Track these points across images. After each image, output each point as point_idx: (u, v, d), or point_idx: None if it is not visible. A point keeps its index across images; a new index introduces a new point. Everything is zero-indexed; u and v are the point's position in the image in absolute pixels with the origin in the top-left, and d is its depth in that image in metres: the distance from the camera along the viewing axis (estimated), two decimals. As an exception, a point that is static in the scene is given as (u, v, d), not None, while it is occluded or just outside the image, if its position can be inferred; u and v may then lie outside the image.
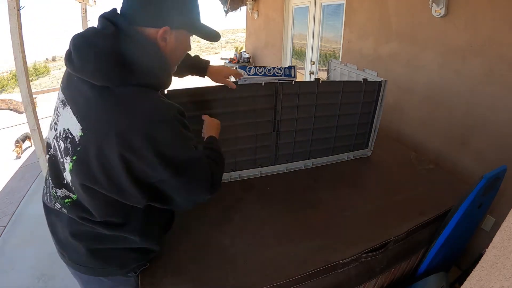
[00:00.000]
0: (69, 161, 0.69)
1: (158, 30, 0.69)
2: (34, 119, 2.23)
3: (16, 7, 1.97)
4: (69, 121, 0.68)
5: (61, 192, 0.75)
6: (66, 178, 0.73)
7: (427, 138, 2.01)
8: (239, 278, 0.91)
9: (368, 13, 2.49)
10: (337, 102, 1.47)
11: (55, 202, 0.77)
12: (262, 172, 1.47)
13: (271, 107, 1.36)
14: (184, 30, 0.75)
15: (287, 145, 1.47)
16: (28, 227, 2.27)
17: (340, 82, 1.48)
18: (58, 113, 0.73)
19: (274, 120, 1.39)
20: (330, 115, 1.50)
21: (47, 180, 0.82)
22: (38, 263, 1.90)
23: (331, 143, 1.57)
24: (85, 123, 0.65)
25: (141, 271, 0.91)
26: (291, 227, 1.13)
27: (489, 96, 1.59)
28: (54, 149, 0.76)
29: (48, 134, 0.79)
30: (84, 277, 0.86)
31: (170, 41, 0.72)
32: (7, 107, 7.15)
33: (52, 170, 0.76)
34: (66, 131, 0.68)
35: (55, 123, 0.75)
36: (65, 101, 0.71)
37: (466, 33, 1.66)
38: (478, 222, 1.51)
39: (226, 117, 1.28)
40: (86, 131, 0.65)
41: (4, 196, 2.70)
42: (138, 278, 0.90)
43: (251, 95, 1.29)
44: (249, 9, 5.14)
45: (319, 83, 1.40)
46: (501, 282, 0.44)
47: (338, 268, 1.00)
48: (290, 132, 1.45)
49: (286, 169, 1.52)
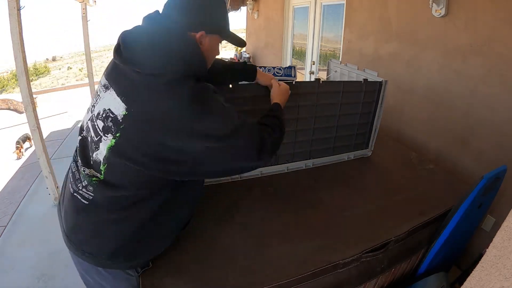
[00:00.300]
0: (111, 138, 0.74)
1: (196, 34, 0.80)
2: (34, 119, 2.23)
3: (16, 7, 1.97)
4: (112, 101, 0.75)
5: (88, 171, 0.80)
6: (96, 157, 0.77)
7: (427, 138, 2.01)
8: (239, 278, 0.91)
9: (368, 13, 2.49)
10: (338, 102, 1.47)
11: (83, 180, 0.80)
12: (262, 172, 1.47)
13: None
14: (217, 35, 0.87)
15: (287, 145, 1.47)
16: (28, 227, 2.27)
17: (340, 82, 1.48)
18: (98, 96, 0.80)
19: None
20: (331, 115, 1.50)
21: (75, 162, 0.86)
22: (38, 263, 1.90)
23: (332, 143, 1.57)
24: (129, 103, 0.72)
25: (143, 271, 0.91)
26: (291, 227, 1.13)
27: (489, 96, 1.59)
28: (86, 130, 0.82)
29: (84, 117, 0.86)
30: (84, 265, 0.87)
31: (205, 44, 0.84)
32: (7, 107, 7.15)
33: (81, 150, 0.83)
34: (107, 110, 0.75)
35: (92, 105, 0.81)
36: (107, 85, 0.78)
37: (466, 33, 1.66)
38: (478, 222, 1.51)
39: None
40: (132, 110, 0.72)
41: (4, 196, 2.70)
42: (139, 278, 0.90)
43: (252, 95, 1.29)
44: (249, 9, 5.14)
45: (319, 83, 1.40)
46: (501, 282, 0.44)
47: (339, 268, 1.00)
48: (291, 132, 1.45)
49: (286, 169, 1.52)
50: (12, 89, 14.99)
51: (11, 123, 6.08)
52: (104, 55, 34.54)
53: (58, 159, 3.53)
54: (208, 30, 0.82)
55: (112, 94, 0.76)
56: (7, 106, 7.10)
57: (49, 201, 2.49)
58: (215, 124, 0.75)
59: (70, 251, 0.87)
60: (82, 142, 0.84)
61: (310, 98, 1.40)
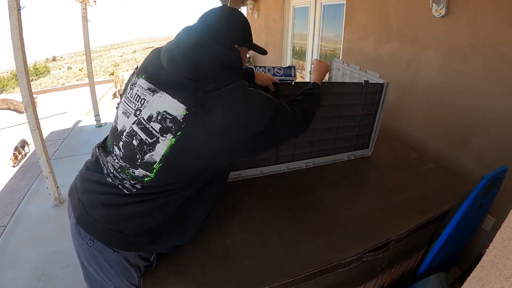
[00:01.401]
0: (171, 137, 0.81)
1: (237, 46, 0.94)
2: (34, 119, 2.23)
3: (16, 7, 1.98)
4: (167, 104, 0.82)
5: (138, 172, 0.84)
6: (150, 158, 0.83)
7: (427, 138, 2.01)
8: (240, 278, 0.91)
9: (368, 13, 2.49)
10: (338, 103, 1.47)
11: (129, 179, 0.85)
12: (263, 172, 1.47)
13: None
14: (245, 47, 1.01)
15: (288, 145, 1.48)
16: (28, 227, 2.27)
17: (341, 83, 1.48)
18: (145, 100, 0.86)
19: None
20: (331, 116, 1.50)
21: (115, 166, 0.88)
22: (38, 263, 1.90)
23: (332, 143, 1.57)
24: (189, 104, 0.80)
25: (145, 272, 0.91)
26: (292, 227, 1.13)
27: (489, 96, 1.59)
28: (131, 134, 0.86)
29: (120, 121, 0.90)
30: (90, 252, 0.88)
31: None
32: (7, 107, 7.15)
33: (127, 153, 0.87)
34: (163, 113, 0.82)
35: (138, 109, 0.86)
36: (155, 89, 0.85)
37: (467, 33, 1.66)
38: (478, 222, 1.51)
39: None
40: (193, 109, 0.80)
41: (4, 196, 2.71)
42: (140, 279, 0.90)
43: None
44: (249, 9, 5.14)
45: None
46: (501, 283, 0.44)
47: (340, 267, 1.00)
48: None
49: (287, 169, 1.52)
50: (12, 89, 15.00)
51: (11, 123, 6.09)
52: (104, 55, 34.55)
53: (58, 159, 3.53)
54: (240, 43, 0.96)
55: (165, 97, 0.82)
56: (7, 106, 7.10)
57: (49, 201, 2.50)
58: (264, 113, 0.88)
59: (79, 237, 0.88)
60: (126, 145, 0.87)
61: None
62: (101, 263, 0.88)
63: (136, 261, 0.89)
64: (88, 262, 0.91)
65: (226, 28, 0.92)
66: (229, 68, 0.89)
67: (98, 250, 0.85)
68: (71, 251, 1.98)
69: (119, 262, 0.87)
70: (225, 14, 0.94)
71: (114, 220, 0.84)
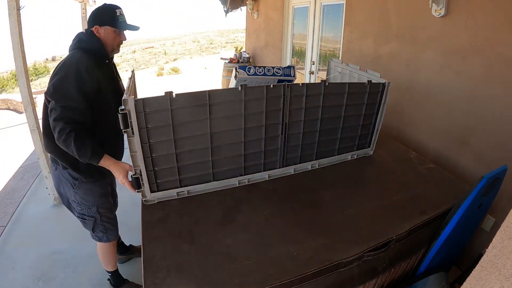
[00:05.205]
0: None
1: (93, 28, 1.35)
2: (34, 119, 2.23)
3: (16, 7, 1.97)
4: None
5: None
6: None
7: (427, 138, 2.02)
8: (242, 278, 0.91)
9: (368, 13, 2.49)
10: (342, 103, 1.46)
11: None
12: (270, 176, 1.46)
13: (278, 109, 1.34)
14: (108, 26, 1.34)
15: (294, 147, 1.46)
16: (28, 227, 2.26)
17: (345, 83, 1.47)
18: None
19: (282, 122, 1.38)
20: (336, 116, 1.49)
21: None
22: (38, 263, 1.90)
23: (336, 144, 1.57)
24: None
25: (146, 271, 0.91)
26: (293, 227, 1.14)
27: (489, 96, 1.59)
28: None
29: None
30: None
31: (101, 33, 1.35)
32: (7, 107, 7.14)
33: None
34: None
35: None
36: None
37: (466, 33, 1.66)
38: (478, 222, 1.51)
39: (234, 121, 1.27)
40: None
41: (4, 196, 2.70)
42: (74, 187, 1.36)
43: (258, 97, 1.28)
44: (249, 9, 5.14)
45: (325, 85, 1.38)
46: (501, 282, 0.44)
47: (341, 267, 1.00)
48: (296, 135, 1.43)
49: (293, 171, 1.50)
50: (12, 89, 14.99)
51: (11, 123, 6.08)
52: (104, 55, 34.31)
53: (58, 159, 3.51)
54: (100, 24, 1.33)
55: None
56: (7, 106, 7.09)
57: (49, 201, 2.49)
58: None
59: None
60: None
61: (316, 99, 1.40)
62: (56, 178, 1.39)
63: (66, 173, 1.34)
64: (57, 184, 1.42)
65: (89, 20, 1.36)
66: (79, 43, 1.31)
67: (53, 168, 1.39)
68: (71, 251, 1.98)
69: (59, 174, 1.37)
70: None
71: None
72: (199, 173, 1.31)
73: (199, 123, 1.21)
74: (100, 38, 1.35)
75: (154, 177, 1.24)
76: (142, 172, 1.19)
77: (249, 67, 2.06)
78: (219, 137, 1.28)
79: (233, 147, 1.33)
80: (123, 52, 30.46)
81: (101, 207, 1.46)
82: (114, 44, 1.40)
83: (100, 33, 1.34)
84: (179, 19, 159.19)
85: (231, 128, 1.29)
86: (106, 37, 1.36)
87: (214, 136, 1.26)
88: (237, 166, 1.38)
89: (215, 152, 1.30)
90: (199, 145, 1.26)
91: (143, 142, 1.14)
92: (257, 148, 1.38)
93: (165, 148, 1.20)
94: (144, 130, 1.12)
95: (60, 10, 48.60)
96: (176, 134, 1.19)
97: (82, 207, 1.43)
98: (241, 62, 5.30)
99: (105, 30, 1.34)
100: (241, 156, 1.36)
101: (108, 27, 1.34)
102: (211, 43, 36.05)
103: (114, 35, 1.37)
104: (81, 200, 1.41)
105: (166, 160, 1.22)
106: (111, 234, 1.54)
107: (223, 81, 5.26)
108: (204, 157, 1.29)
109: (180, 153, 1.23)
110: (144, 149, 1.16)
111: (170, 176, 1.26)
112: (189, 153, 1.25)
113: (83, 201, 1.41)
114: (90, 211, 1.44)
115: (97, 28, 1.33)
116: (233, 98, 1.24)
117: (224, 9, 5.24)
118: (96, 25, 1.33)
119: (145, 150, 1.16)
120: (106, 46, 1.37)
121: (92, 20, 1.35)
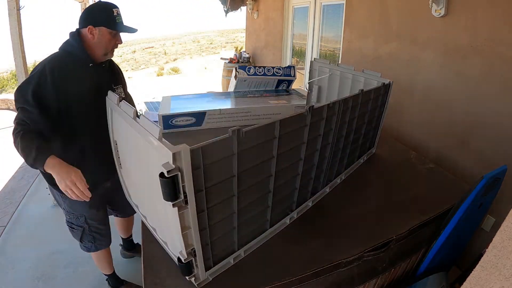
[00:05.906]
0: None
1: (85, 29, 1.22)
2: (34, 119, 2.22)
3: (16, 7, 1.98)
4: None
5: None
6: None
7: (427, 138, 2.01)
8: (242, 278, 0.91)
9: (368, 13, 2.49)
10: (367, 110, 1.39)
11: None
12: (314, 202, 1.27)
13: (330, 129, 1.15)
14: (103, 27, 1.21)
15: (333, 165, 1.32)
16: (28, 227, 2.26)
17: (371, 90, 1.34)
18: None
19: (332, 143, 1.19)
20: (362, 123, 1.41)
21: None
22: (38, 263, 1.90)
23: (357, 151, 1.52)
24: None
25: (146, 271, 0.91)
26: (293, 227, 1.13)
27: (489, 96, 1.59)
28: None
29: None
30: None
31: (95, 34, 1.21)
32: (7, 107, 7.13)
33: None
34: None
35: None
36: None
37: (466, 33, 1.66)
38: (478, 222, 1.51)
39: (296, 151, 1.03)
40: None
41: (4, 196, 2.70)
42: None
43: (319, 118, 1.06)
44: (249, 9, 5.14)
45: (362, 94, 1.26)
46: (501, 282, 0.44)
47: (341, 267, 1.00)
48: (337, 151, 1.29)
49: (329, 189, 1.35)
50: (11, 89, 14.98)
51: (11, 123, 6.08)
52: (104, 55, 34.34)
53: (58, 159, 3.51)
54: (94, 25, 1.19)
55: None
56: (7, 106, 7.08)
57: (49, 201, 2.49)
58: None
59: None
60: None
61: (353, 110, 1.26)
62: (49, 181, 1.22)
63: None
64: (50, 189, 1.32)
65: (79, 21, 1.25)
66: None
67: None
68: (71, 251, 1.98)
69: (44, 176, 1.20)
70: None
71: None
72: (257, 225, 1.02)
73: (264, 163, 0.91)
74: (91, 40, 1.19)
75: (210, 251, 0.87)
76: (196, 252, 0.80)
77: (249, 67, 2.06)
78: (281, 175, 0.99)
79: (291, 181, 1.08)
80: (123, 52, 30.43)
81: (90, 218, 1.38)
82: (108, 47, 1.23)
83: (94, 34, 1.18)
84: (179, 19, 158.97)
85: (292, 161, 1.02)
86: (100, 39, 1.20)
87: (277, 175, 0.96)
88: (290, 202, 1.14)
89: (276, 194, 1.00)
90: (261, 192, 0.96)
91: (199, 211, 0.76)
92: (308, 176, 1.17)
93: (224, 209, 0.85)
94: (202, 194, 0.75)
95: (60, 10, 48.58)
96: (240, 186, 0.85)
97: (70, 216, 1.37)
98: (241, 62, 5.30)
99: (100, 31, 1.18)
100: (296, 190, 1.11)
101: (103, 28, 1.19)
102: (211, 43, 36.05)
103: (110, 37, 1.21)
104: (69, 209, 1.34)
105: (224, 225, 0.88)
106: (100, 244, 1.48)
107: (223, 81, 5.26)
108: (264, 204, 1.00)
109: (241, 209, 0.90)
110: (201, 220, 0.77)
111: (227, 242, 0.93)
112: (250, 205, 0.93)
113: (71, 210, 1.34)
114: (78, 221, 1.37)
115: (90, 29, 1.17)
116: (300, 125, 0.99)
117: (224, 9, 5.24)
118: (90, 25, 1.17)
119: (201, 220, 0.78)
120: (98, 49, 1.22)
121: (85, 19, 1.19)
